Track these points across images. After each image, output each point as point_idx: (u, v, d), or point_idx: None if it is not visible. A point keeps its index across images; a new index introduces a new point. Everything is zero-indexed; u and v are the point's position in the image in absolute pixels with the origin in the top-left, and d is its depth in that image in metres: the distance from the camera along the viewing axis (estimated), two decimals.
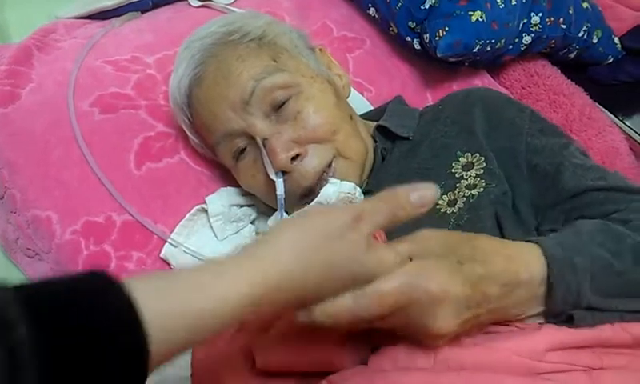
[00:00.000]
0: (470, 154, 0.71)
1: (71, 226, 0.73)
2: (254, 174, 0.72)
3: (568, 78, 1.13)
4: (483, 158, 0.70)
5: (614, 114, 1.15)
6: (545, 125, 0.74)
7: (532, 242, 0.54)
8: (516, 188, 0.68)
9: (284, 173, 0.69)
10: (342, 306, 0.45)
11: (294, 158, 0.68)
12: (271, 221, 0.78)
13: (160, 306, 0.37)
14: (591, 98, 1.14)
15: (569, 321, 0.51)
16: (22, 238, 0.76)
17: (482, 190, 0.67)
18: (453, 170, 0.71)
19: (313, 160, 0.70)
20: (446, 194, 0.69)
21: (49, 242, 0.73)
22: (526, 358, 0.46)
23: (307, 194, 0.71)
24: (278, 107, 0.70)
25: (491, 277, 0.49)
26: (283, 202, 0.69)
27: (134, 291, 0.36)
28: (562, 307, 0.51)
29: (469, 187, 0.68)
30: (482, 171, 0.69)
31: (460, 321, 0.48)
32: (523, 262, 0.51)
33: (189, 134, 0.78)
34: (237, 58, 0.71)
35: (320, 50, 0.81)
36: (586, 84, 1.15)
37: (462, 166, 0.71)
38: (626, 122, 1.19)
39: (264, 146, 0.69)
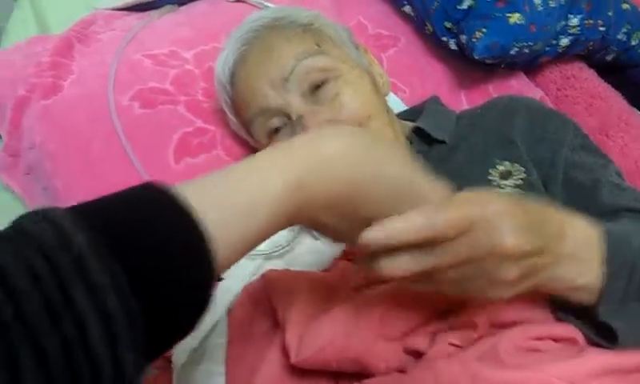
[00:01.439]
0: (508, 163, 0.71)
1: None
2: None
3: (605, 81, 1.11)
4: (523, 169, 0.70)
5: None
6: (586, 141, 0.74)
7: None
8: (553, 200, 0.68)
9: None
10: (412, 221, 0.41)
11: None
12: None
13: (212, 202, 0.37)
14: (629, 101, 1.12)
15: (612, 340, 0.51)
16: None
17: None
18: (490, 178, 0.70)
19: None
20: None
21: None
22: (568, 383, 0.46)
23: None
24: (316, 88, 0.71)
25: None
26: None
27: (189, 197, 0.35)
28: (616, 282, 0.49)
29: None
30: (520, 182, 0.69)
31: (523, 249, 0.43)
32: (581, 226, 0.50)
33: (228, 113, 0.79)
34: (282, 38, 0.73)
35: (364, 49, 0.83)
36: (623, 87, 1.13)
37: (500, 174, 0.70)
38: None
39: (299, 124, 0.70)
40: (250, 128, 0.76)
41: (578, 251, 0.48)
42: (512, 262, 0.43)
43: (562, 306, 0.53)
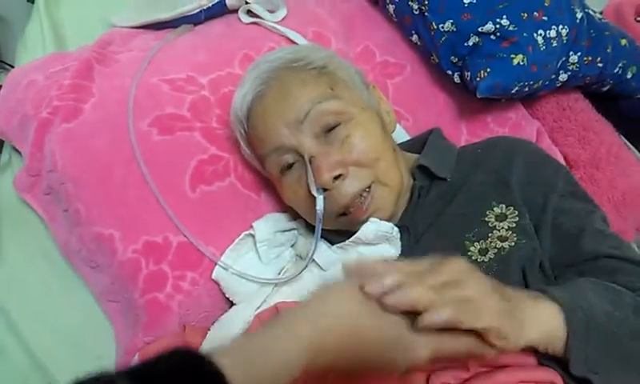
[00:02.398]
0: (504, 206, 0.75)
1: (132, 244, 0.79)
2: (296, 190, 0.78)
3: (599, 109, 1.16)
4: (517, 213, 0.74)
5: None
6: (576, 189, 0.78)
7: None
8: (541, 243, 0.73)
9: (325, 190, 0.74)
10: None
11: (336, 178, 0.74)
12: (301, 245, 0.85)
13: (242, 371, 0.44)
14: (619, 129, 1.17)
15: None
16: (85, 250, 0.83)
17: (512, 244, 0.72)
18: (486, 219, 0.75)
19: (353, 182, 0.75)
20: (478, 242, 0.74)
21: (111, 258, 0.80)
22: None
23: (343, 213, 0.77)
24: (329, 130, 0.76)
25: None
26: (321, 216, 0.74)
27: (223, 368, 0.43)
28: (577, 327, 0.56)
29: (500, 239, 0.73)
30: (514, 225, 0.74)
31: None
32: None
33: (242, 144, 0.84)
34: (298, 81, 0.77)
35: (373, 87, 0.86)
36: (615, 116, 1.18)
37: (496, 217, 0.75)
38: None
39: (310, 163, 0.74)
40: (263, 162, 0.81)
41: (526, 295, 0.57)
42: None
43: (545, 356, 0.60)
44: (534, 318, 0.56)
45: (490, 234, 0.74)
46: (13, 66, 1.05)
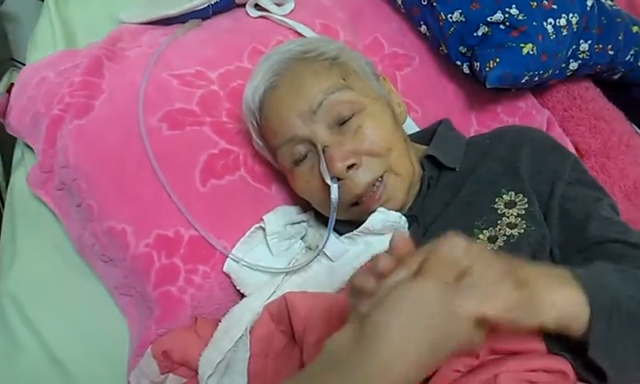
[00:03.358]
0: (513, 193, 0.75)
1: (145, 238, 0.80)
2: (308, 180, 0.78)
3: (610, 97, 1.15)
4: (526, 200, 0.74)
5: None
6: (584, 176, 0.78)
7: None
8: (550, 230, 0.73)
9: (338, 179, 0.75)
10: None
11: (349, 167, 0.74)
12: (311, 237, 0.85)
13: None
14: (631, 117, 1.16)
15: (601, 378, 0.56)
16: (98, 245, 0.84)
17: (522, 231, 0.72)
18: (495, 206, 0.75)
19: (366, 171, 0.75)
20: (487, 229, 0.74)
21: (124, 252, 0.80)
22: None
23: (356, 203, 0.77)
24: (342, 121, 0.76)
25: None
26: (336, 205, 0.74)
27: None
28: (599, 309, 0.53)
29: (510, 226, 0.73)
30: (523, 212, 0.74)
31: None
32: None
33: (254, 136, 0.84)
34: (311, 72, 0.77)
35: (383, 78, 0.87)
36: (627, 104, 1.17)
37: (505, 204, 0.75)
38: None
39: (323, 153, 0.75)
40: (276, 153, 0.81)
41: (548, 275, 0.53)
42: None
43: (555, 343, 0.59)
44: (554, 301, 0.52)
45: (499, 221, 0.74)
46: (24, 64, 1.06)
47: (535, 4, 0.95)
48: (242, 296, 0.83)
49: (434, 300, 0.45)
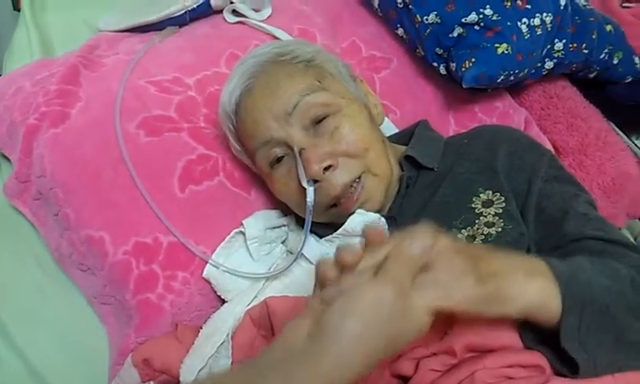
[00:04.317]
0: (490, 192, 0.76)
1: (123, 246, 0.79)
2: (286, 182, 0.78)
3: (587, 96, 1.17)
4: (503, 199, 0.75)
5: (630, 135, 1.19)
6: (561, 173, 0.79)
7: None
8: (527, 228, 0.73)
9: (315, 181, 0.75)
10: None
11: (326, 169, 0.74)
12: (292, 241, 0.85)
13: None
14: (609, 116, 1.18)
15: (574, 370, 0.56)
16: (76, 254, 0.83)
17: (500, 230, 0.73)
18: (473, 205, 0.76)
19: (343, 172, 0.75)
20: (465, 229, 0.74)
21: (102, 260, 0.80)
22: None
23: (334, 204, 0.77)
24: (317, 122, 0.76)
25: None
26: (312, 208, 0.74)
27: None
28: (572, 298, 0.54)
29: (487, 225, 0.74)
30: (500, 211, 0.74)
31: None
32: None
33: (231, 140, 0.84)
34: (285, 74, 0.78)
35: (360, 80, 0.87)
36: (603, 102, 1.19)
37: (483, 203, 0.76)
38: None
39: (300, 156, 0.75)
40: (253, 157, 0.81)
41: (519, 266, 0.53)
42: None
43: (531, 338, 0.60)
44: (521, 293, 0.53)
45: (476, 221, 0.74)
46: (1, 74, 1.06)
47: (509, 4, 0.96)
48: (223, 302, 0.83)
49: (389, 302, 0.46)
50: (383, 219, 0.78)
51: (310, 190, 0.74)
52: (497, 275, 0.51)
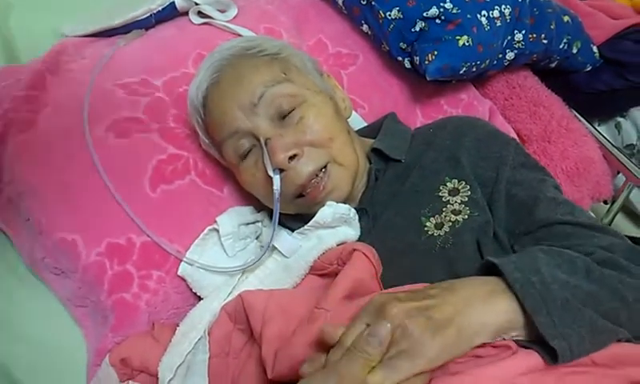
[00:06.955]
0: (456, 181, 0.78)
1: (95, 248, 0.79)
2: (254, 173, 0.80)
3: (549, 85, 1.20)
4: (468, 187, 0.77)
5: (591, 121, 1.24)
6: (527, 159, 0.81)
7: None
8: (495, 214, 0.76)
9: (281, 171, 0.76)
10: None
11: (291, 158, 0.76)
12: (266, 236, 0.86)
13: None
14: (569, 103, 1.22)
15: (553, 357, 0.56)
16: (49, 257, 0.83)
17: (466, 217, 0.75)
18: (440, 194, 0.78)
19: (308, 161, 0.77)
20: (434, 217, 0.76)
21: (75, 263, 0.80)
22: (499, 382, 0.55)
23: (301, 194, 0.79)
24: (283, 114, 0.78)
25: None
26: (279, 196, 0.75)
27: None
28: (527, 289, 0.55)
29: (454, 213, 0.76)
30: (466, 199, 0.77)
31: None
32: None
33: (200, 133, 0.85)
34: (251, 66, 0.79)
35: (328, 75, 0.89)
36: (565, 90, 1.22)
37: (449, 191, 0.78)
38: (602, 129, 1.28)
39: (265, 145, 0.76)
40: (221, 149, 0.83)
41: (472, 294, 0.56)
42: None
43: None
44: (484, 322, 0.55)
45: (444, 209, 0.77)
46: None
47: None
48: (199, 299, 0.83)
49: None
50: (354, 210, 0.80)
51: (277, 178, 0.75)
52: (453, 318, 0.54)
